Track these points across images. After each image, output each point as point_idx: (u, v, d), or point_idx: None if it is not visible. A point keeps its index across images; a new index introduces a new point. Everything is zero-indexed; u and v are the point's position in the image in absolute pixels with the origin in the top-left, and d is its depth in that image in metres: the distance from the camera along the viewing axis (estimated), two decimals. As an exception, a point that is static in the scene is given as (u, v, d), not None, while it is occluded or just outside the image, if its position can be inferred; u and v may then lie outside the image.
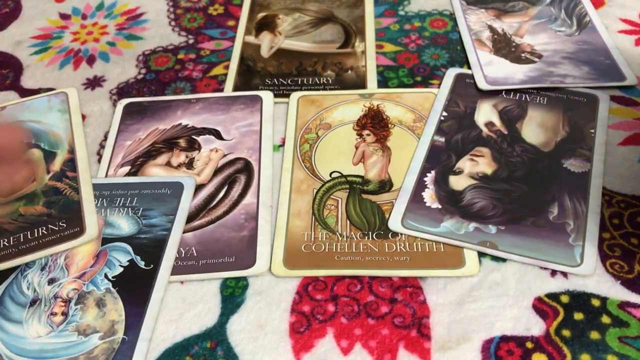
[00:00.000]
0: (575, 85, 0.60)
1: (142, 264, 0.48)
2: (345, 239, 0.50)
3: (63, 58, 0.70)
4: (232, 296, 0.47)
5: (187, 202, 0.52)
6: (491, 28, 0.68)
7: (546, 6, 0.70)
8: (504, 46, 0.65)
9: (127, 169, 0.56)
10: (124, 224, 0.51)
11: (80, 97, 0.64)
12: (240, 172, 0.55)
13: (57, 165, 0.56)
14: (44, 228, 0.51)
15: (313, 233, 0.50)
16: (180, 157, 0.57)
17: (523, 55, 0.64)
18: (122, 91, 0.65)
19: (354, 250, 0.49)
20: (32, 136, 0.59)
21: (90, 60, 0.69)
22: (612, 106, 0.58)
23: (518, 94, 0.60)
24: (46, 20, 0.76)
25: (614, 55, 0.63)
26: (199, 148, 0.58)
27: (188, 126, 0.60)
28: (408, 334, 0.44)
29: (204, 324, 0.45)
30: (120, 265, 0.49)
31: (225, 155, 0.57)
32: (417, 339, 0.43)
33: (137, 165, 0.57)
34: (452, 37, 0.68)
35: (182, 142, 0.58)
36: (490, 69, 0.62)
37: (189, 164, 0.56)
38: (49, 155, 0.57)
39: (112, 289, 0.47)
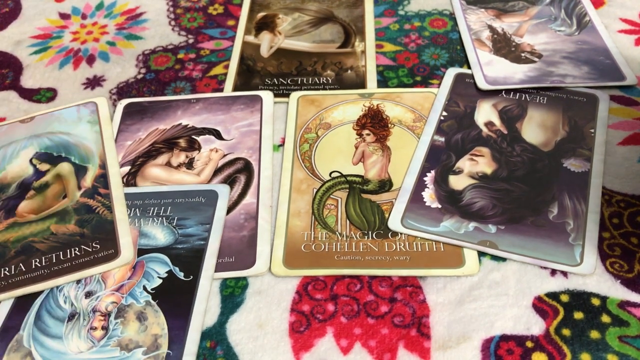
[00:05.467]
0: (575, 85, 0.60)
1: (181, 275, 0.47)
2: (345, 238, 0.50)
3: (63, 58, 0.70)
4: (232, 296, 0.47)
5: (222, 211, 0.51)
6: (491, 28, 0.68)
7: (546, 6, 0.70)
8: (503, 46, 0.65)
9: (127, 168, 0.56)
10: (160, 234, 0.50)
11: (80, 97, 0.64)
12: (240, 172, 0.55)
13: (88, 181, 0.54)
14: (77, 249, 0.49)
15: (313, 233, 0.50)
16: (180, 157, 0.57)
17: (523, 55, 0.64)
18: (122, 91, 0.65)
19: (353, 250, 0.49)
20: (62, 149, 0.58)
21: (90, 60, 0.69)
22: (612, 106, 0.58)
23: (518, 94, 0.60)
24: (46, 20, 0.76)
25: (614, 55, 0.63)
26: (199, 148, 0.58)
27: (188, 126, 0.60)
28: (408, 333, 0.44)
29: (203, 324, 0.45)
30: (159, 277, 0.47)
31: (225, 155, 0.57)
32: (416, 338, 0.43)
33: (137, 165, 0.57)
34: (452, 36, 0.68)
35: (182, 142, 0.58)
36: (490, 68, 0.62)
37: (189, 164, 0.56)
38: (80, 170, 0.56)
39: (152, 301, 0.46)
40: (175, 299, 0.46)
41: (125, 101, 0.63)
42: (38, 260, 0.49)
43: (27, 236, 0.51)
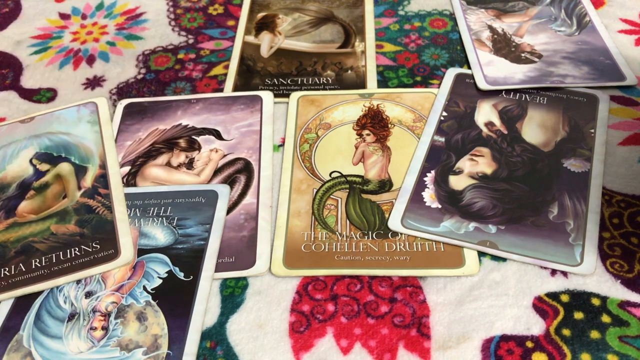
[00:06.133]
0: (575, 85, 0.60)
1: (181, 275, 0.47)
2: (345, 238, 0.50)
3: (63, 58, 0.70)
4: (232, 296, 0.47)
5: (222, 211, 0.51)
6: (491, 28, 0.68)
7: (546, 6, 0.70)
8: (503, 46, 0.65)
9: (127, 169, 0.56)
10: (160, 234, 0.50)
11: (80, 97, 0.64)
12: (240, 172, 0.55)
13: (88, 181, 0.54)
14: (77, 249, 0.49)
15: (313, 233, 0.50)
16: (180, 157, 0.57)
17: (523, 55, 0.64)
18: (122, 91, 0.65)
19: (353, 250, 0.49)
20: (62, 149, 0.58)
21: (90, 60, 0.69)
22: (612, 106, 0.58)
23: (518, 94, 0.60)
24: (46, 20, 0.76)
25: (614, 55, 0.63)
26: (199, 148, 0.58)
27: (188, 126, 0.60)
28: (408, 333, 0.43)
29: (203, 324, 0.45)
30: (159, 277, 0.47)
31: (225, 156, 0.57)
32: (417, 338, 0.43)
33: (137, 165, 0.57)
34: (452, 37, 0.68)
35: (182, 142, 0.58)
36: (490, 69, 0.62)
37: (189, 164, 0.56)
38: (80, 170, 0.55)
39: (152, 301, 0.46)
40: (175, 299, 0.46)
41: (125, 101, 0.63)
42: (38, 260, 0.49)
43: (27, 236, 0.51)
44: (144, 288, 0.47)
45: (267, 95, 0.62)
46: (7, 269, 0.49)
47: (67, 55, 0.70)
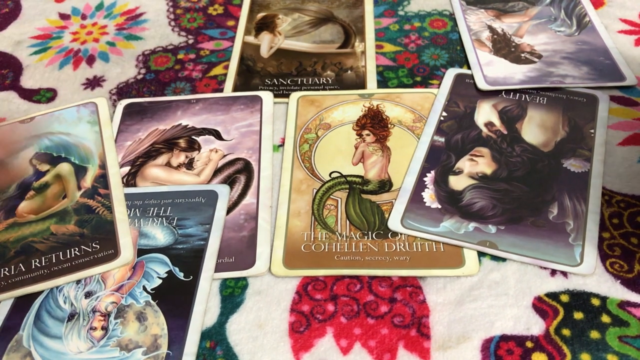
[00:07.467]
0: (575, 85, 0.60)
1: (180, 275, 0.47)
2: (344, 238, 0.50)
3: (63, 58, 0.70)
4: (232, 296, 0.47)
5: (222, 211, 0.51)
6: (491, 28, 0.68)
7: (546, 6, 0.70)
8: (503, 46, 0.65)
9: (127, 169, 0.56)
10: (159, 234, 0.50)
11: (80, 97, 0.64)
12: (240, 173, 0.55)
13: (88, 181, 0.54)
14: (77, 249, 0.49)
15: (313, 233, 0.50)
16: (180, 158, 0.57)
17: (523, 55, 0.64)
18: (122, 91, 0.65)
19: (353, 250, 0.49)
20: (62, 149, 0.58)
21: (90, 60, 0.69)
22: (612, 106, 0.58)
23: (518, 94, 0.60)
24: (46, 20, 0.76)
25: (614, 55, 0.63)
26: (199, 148, 0.58)
27: (188, 126, 0.60)
28: (408, 333, 0.43)
29: (203, 324, 0.45)
30: (159, 277, 0.47)
31: (225, 156, 0.57)
32: (416, 338, 0.43)
33: (137, 165, 0.57)
34: (451, 37, 0.68)
35: (182, 143, 0.58)
36: (490, 69, 0.62)
37: (189, 164, 0.56)
38: (80, 170, 0.56)
39: (152, 301, 0.46)
40: (175, 299, 0.46)
41: (125, 101, 0.63)
42: (38, 261, 0.49)
43: (27, 236, 0.51)
44: (144, 288, 0.47)
45: (267, 96, 0.62)
46: (7, 269, 0.49)
47: (67, 56, 0.70)
